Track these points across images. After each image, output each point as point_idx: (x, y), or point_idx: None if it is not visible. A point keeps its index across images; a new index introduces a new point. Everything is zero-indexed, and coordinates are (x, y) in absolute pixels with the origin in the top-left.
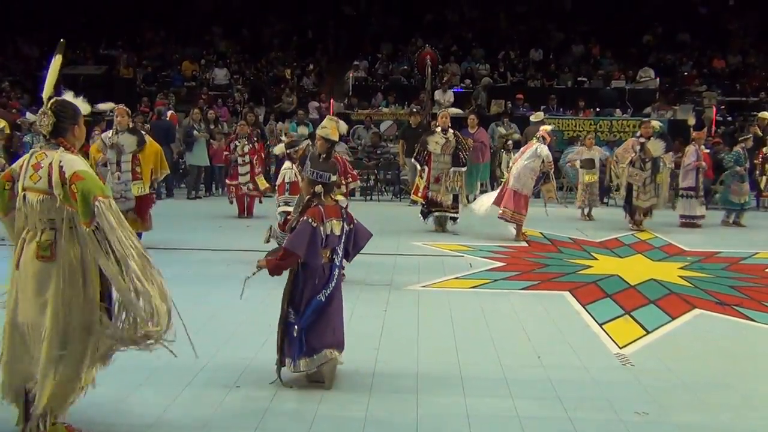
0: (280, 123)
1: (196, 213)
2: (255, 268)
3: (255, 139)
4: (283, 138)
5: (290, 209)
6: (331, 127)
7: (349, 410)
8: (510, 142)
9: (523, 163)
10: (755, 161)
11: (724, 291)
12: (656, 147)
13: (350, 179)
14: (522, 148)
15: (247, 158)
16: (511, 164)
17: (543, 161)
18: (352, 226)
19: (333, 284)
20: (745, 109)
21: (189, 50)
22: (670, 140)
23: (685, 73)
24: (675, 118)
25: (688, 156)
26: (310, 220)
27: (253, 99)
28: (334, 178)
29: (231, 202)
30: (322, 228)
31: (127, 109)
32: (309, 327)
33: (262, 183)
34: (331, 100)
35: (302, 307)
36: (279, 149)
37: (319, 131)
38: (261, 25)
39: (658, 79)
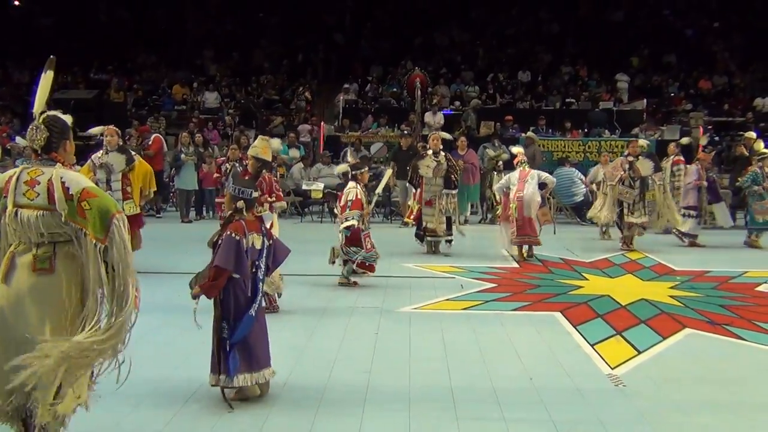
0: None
1: (187, 236)
2: (193, 299)
3: (246, 161)
4: (349, 159)
5: (349, 222)
6: (262, 147)
7: (341, 431)
8: (500, 163)
9: (533, 190)
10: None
11: (714, 310)
12: (645, 167)
13: (275, 198)
14: (518, 175)
15: None
16: (511, 193)
17: (547, 186)
18: (271, 241)
19: (259, 298)
20: (732, 129)
21: (180, 74)
22: (657, 160)
23: (672, 94)
24: (662, 139)
25: (690, 175)
26: (232, 234)
27: (244, 122)
28: (255, 194)
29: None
30: (244, 241)
31: (117, 129)
32: (244, 342)
33: (281, 207)
34: (322, 123)
35: (232, 321)
36: (342, 169)
37: (250, 151)
38: (252, 49)
39: (645, 101)
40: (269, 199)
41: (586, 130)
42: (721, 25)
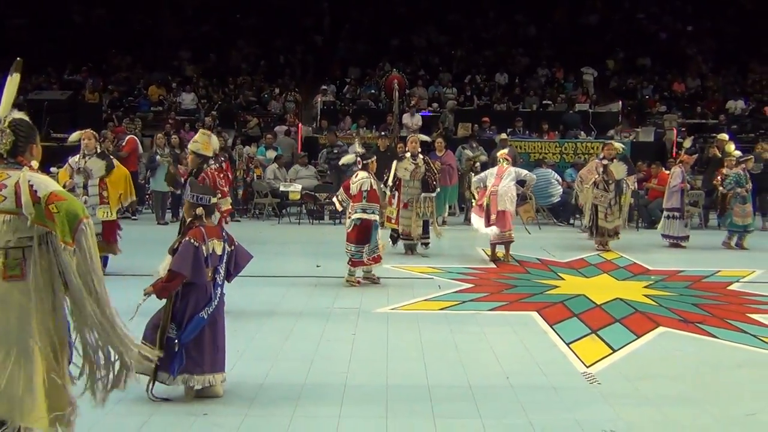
0: (247, 147)
1: (163, 238)
2: (143, 295)
3: (222, 159)
4: (357, 149)
5: (368, 216)
6: (203, 142)
7: (319, 431)
8: (478, 164)
9: (508, 184)
10: (714, 182)
11: (687, 309)
12: (619, 170)
13: (220, 195)
14: (495, 171)
15: None
16: (487, 188)
17: (527, 182)
18: (233, 247)
19: (215, 303)
20: (705, 131)
21: (156, 75)
22: (631, 163)
23: (647, 97)
24: (637, 140)
25: (674, 177)
26: (191, 240)
27: (223, 123)
28: (214, 200)
29: None
30: (204, 247)
31: (95, 133)
32: (191, 344)
33: (226, 203)
34: (299, 125)
35: (184, 323)
36: (348, 159)
37: (190, 146)
38: (228, 50)
39: (620, 103)
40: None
41: (562, 132)
42: (694, 28)
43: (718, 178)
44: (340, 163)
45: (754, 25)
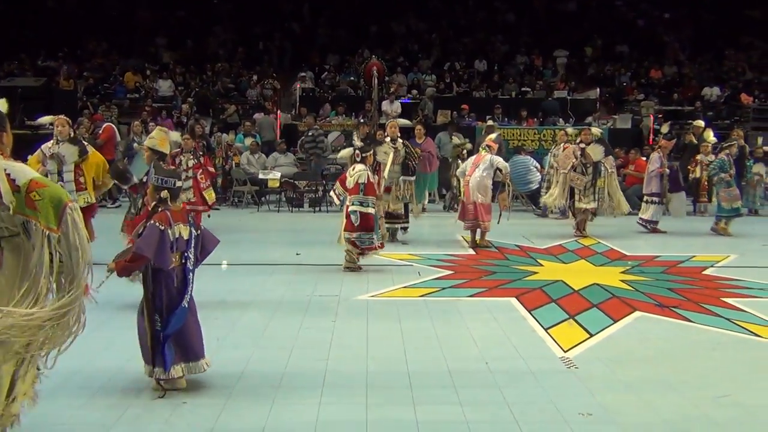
0: (225, 134)
1: None
2: (107, 271)
3: (201, 152)
4: (356, 142)
5: (364, 209)
6: (160, 139)
7: (299, 418)
8: (465, 151)
9: (480, 174)
10: (689, 167)
11: (663, 293)
12: (596, 152)
13: None
14: (473, 160)
15: (191, 173)
16: (464, 177)
17: (501, 171)
18: (199, 231)
19: (191, 289)
20: (681, 117)
21: (132, 62)
22: (609, 145)
23: (624, 84)
24: (615, 127)
25: (653, 163)
26: (157, 223)
27: (200, 110)
28: (179, 184)
29: None
30: (170, 231)
31: (68, 118)
32: (179, 334)
33: (210, 196)
34: (278, 112)
35: (165, 313)
36: (346, 153)
37: (147, 142)
38: (206, 37)
39: (598, 90)
40: None
41: (541, 119)
42: (671, 16)
43: (694, 164)
44: (338, 156)
45: (729, 12)
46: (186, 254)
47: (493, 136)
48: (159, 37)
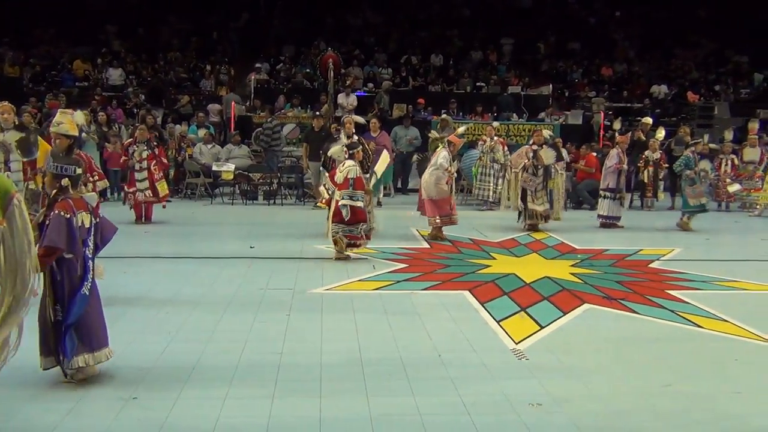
0: (178, 126)
1: None
2: None
3: (154, 143)
4: (343, 139)
5: (354, 203)
6: (69, 122)
7: (252, 414)
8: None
9: (432, 171)
10: (639, 164)
11: (610, 286)
12: (548, 155)
13: (97, 177)
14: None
15: (145, 164)
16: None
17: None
18: (98, 219)
19: (91, 276)
20: (630, 114)
21: (81, 49)
22: (560, 149)
23: (576, 80)
24: (566, 123)
25: (611, 158)
26: (61, 212)
27: (151, 100)
28: (79, 171)
29: (130, 208)
30: (74, 219)
31: (12, 105)
32: (80, 322)
33: (163, 188)
34: (233, 103)
35: (66, 302)
36: (336, 150)
37: (56, 129)
38: (158, 25)
39: (550, 86)
40: (91, 178)
41: (495, 114)
42: (621, 14)
43: (642, 160)
44: (329, 153)
45: (677, 11)
46: (86, 242)
47: (460, 130)
48: (110, 24)
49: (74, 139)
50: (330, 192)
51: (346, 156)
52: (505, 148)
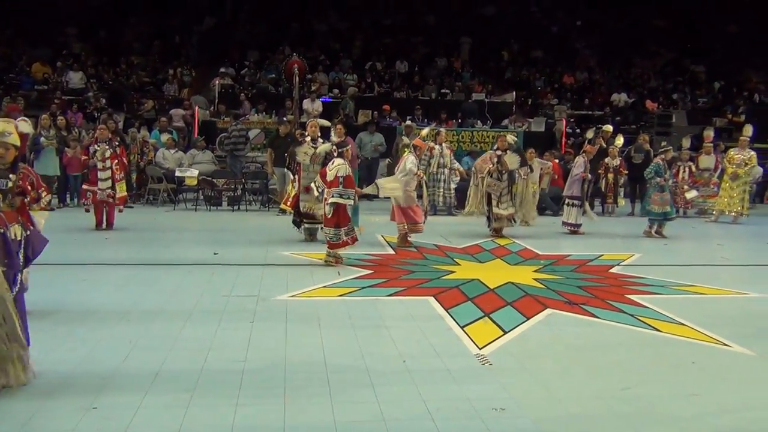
0: (141, 130)
1: (48, 225)
2: None
3: (116, 143)
4: (333, 138)
5: (344, 201)
6: (14, 131)
7: (215, 421)
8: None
9: (398, 178)
10: (599, 171)
11: (572, 291)
12: (512, 161)
13: (44, 192)
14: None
15: (108, 163)
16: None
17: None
18: (29, 231)
19: (16, 288)
20: (592, 122)
21: (40, 51)
22: (524, 155)
23: (539, 88)
24: (529, 130)
25: (577, 167)
26: None
27: (113, 105)
28: (10, 184)
29: (87, 211)
30: (8, 233)
31: None
32: None
33: (122, 190)
34: (197, 108)
35: None
36: (325, 148)
37: (8, 139)
38: (120, 28)
39: (514, 93)
40: (37, 193)
41: (460, 120)
42: (583, 23)
43: (602, 167)
44: (317, 152)
45: (636, 21)
46: (17, 254)
47: (424, 132)
48: (70, 26)
49: (20, 149)
50: (320, 190)
51: (335, 154)
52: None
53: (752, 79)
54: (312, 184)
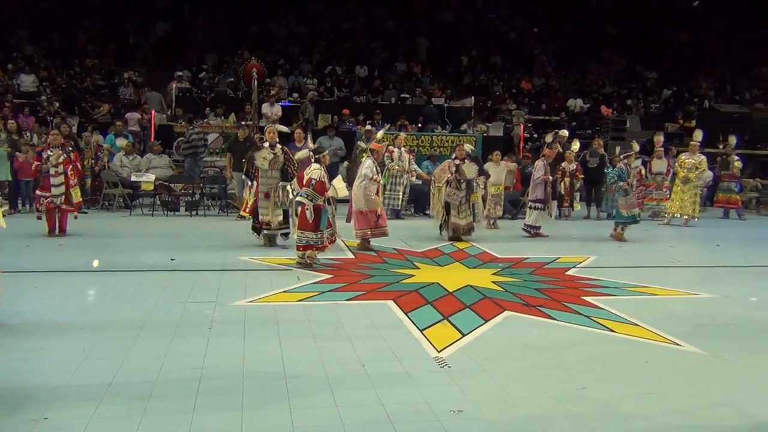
0: (96, 135)
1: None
2: None
3: (70, 148)
4: (310, 144)
5: (306, 202)
6: None
7: (171, 428)
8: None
9: (357, 183)
10: (556, 175)
11: (530, 293)
12: (470, 170)
13: None
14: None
15: (61, 168)
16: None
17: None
18: None
19: None
20: (549, 127)
21: None
22: (482, 164)
23: (497, 93)
24: (488, 135)
25: (537, 170)
26: None
27: (66, 108)
28: None
29: (39, 218)
30: None
31: None
32: None
33: (77, 195)
34: (153, 112)
35: None
36: (303, 154)
37: None
38: (74, 30)
39: (472, 98)
40: None
41: (420, 125)
42: (540, 30)
43: (559, 171)
44: (295, 158)
45: (591, 28)
46: None
47: (379, 135)
48: (21, 27)
49: None
50: (294, 194)
51: (312, 160)
52: (411, 156)
53: (702, 86)
54: (288, 186)
